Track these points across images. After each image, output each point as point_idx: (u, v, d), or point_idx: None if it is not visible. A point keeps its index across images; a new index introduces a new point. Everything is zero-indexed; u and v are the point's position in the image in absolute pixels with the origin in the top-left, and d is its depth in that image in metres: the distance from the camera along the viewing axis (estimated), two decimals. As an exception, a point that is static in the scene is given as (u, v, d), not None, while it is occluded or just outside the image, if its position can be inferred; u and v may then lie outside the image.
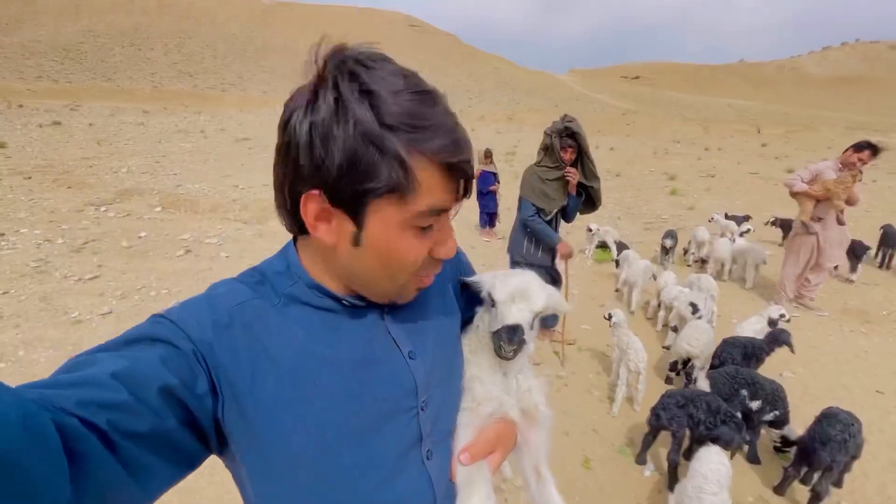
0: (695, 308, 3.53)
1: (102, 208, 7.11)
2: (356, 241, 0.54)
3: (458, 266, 0.83)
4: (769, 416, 2.52)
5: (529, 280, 0.73)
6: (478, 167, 5.17)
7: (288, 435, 0.55)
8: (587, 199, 3.27)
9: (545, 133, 3.11)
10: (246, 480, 0.59)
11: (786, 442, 2.58)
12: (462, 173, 0.54)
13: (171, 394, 0.47)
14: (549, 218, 3.21)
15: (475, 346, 0.75)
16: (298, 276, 0.61)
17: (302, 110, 0.50)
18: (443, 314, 0.74)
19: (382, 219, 0.53)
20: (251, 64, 63.80)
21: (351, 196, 0.51)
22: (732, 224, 6.18)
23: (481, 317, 0.78)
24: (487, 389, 0.70)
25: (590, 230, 6.12)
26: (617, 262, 5.01)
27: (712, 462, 1.99)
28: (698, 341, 3.03)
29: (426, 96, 0.52)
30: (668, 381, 3.36)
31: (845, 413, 2.27)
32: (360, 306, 0.63)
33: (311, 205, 0.53)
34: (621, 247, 5.48)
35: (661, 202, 10.38)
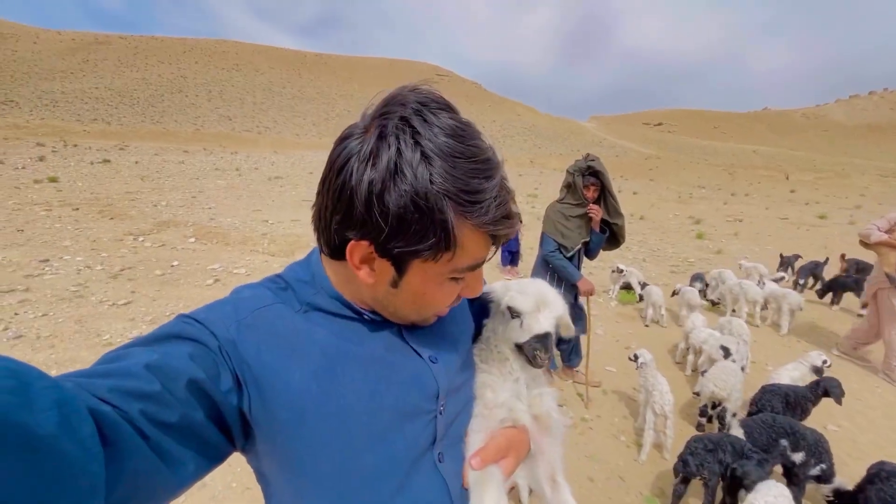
0: (726, 352, 3.39)
1: (140, 238, 7.47)
2: (394, 284, 0.58)
3: None
4: (815, 471, 2.32)
5: (544, 287, 0.75)
6: None
7: (312, 431, 0.55)
8: (611, 235, 3.29)
9: (567, 171, 3.18)
10: (269, 477, 0.60)
11: (841, 496, 2.33)
12: (503, 237, 0.57)
13: (198, 387, 0.48)
14: (570, 254, 3.21)
15: (485, 355, 0.76)
16: (321, 286, 0.63)
17: (362, 161, 0.51)
18: (459, 323, 0.76)
19: (423, 271, 0.56)
20: (286, 110, 67.72)
21: (398, 252, 0.53)
22: (761, 266, 6.07)
23: (493, 328, 0.79)
24: (498, 396, 0.71)
25: (620, 270, 6.02)
26: (641, 297, 4.92)
27: (770, 495, 1.84)
28: (725, 382, 2.88)
29: (482, 165, 0.52)
30: (700, 427, 3.18)
31: None
32: (377, 321, 0.65)
33: (359, 252, 0.55)
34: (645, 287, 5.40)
35: (687, 245, 10.20)
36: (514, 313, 0.73)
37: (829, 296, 6.01)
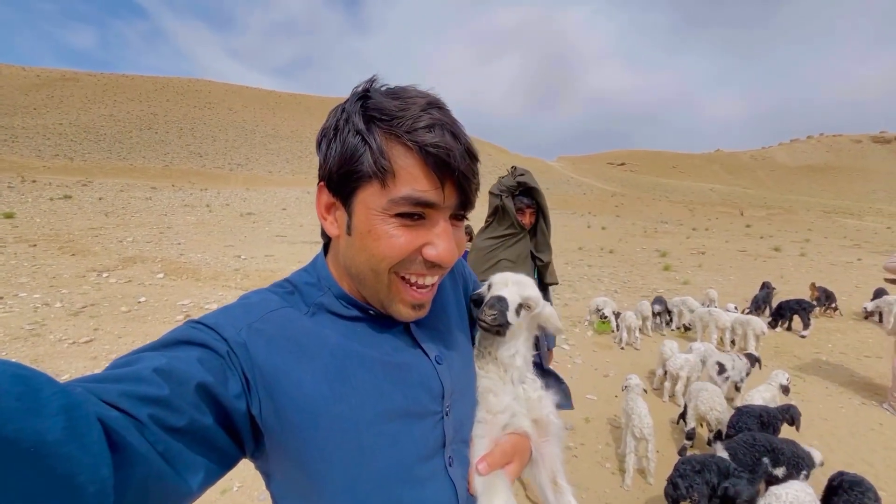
0: (721, 368, 3.51)
1: (104, 274, 7.15)
2: (349, 229, 0.58)
3: (471, 283, 0.88)
4: (800, 479, 2.41)
5: (525, 277, 0.80)
6: None
7: (324, 433, 0.55)
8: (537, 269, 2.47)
9: (491, 192, 2.40)
10: (279, 482, 0.59)
11: None
12: (440, 161, 0.53)
13: (207, 391, 0.48)
14: None
15: (482, 361, 0.78)
16: (328, 287, 0.64)
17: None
18: (461, 327, 0.77)
19: (365, 204, 0.55)
20: (259, 147, 67.66)
21: (340, 181, 0.56)
22: (713, 292, 6.63)
23: (481, 331, 0.80)
24: (501, 401, 0.71)
25: (604, 316, 5.94)
26: (616, 327, 5.08)
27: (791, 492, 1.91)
28: (718, 404, 3.01)
29: (408, 98, 0.55)
30: (683, 450, 3.22)
31: (862, 477, 2.20)
32: (383, 318, 0.65)
33: (321, 197, 0.61)
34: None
35: (656, 277, 10.57)
36: (479, 300, 0.77)
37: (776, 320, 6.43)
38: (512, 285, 0.76)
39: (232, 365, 0.52)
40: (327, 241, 0.68)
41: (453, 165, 0.54)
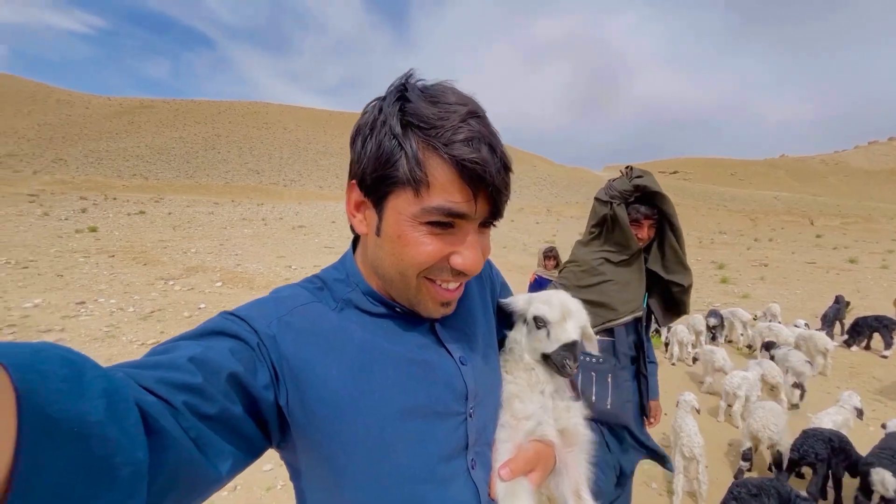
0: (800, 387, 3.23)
1: (170, 282, 7.76)
2: (378, 231, 0.58)
3: (498, 286, 0.86)
4: None
5: (566, 297, 0.77)
6: (535, 269, 4.55)
7: (349, 426, 0.56)
8: (665, 298, 1.96)
9: (598, 200, 1.93)
10: (304, 474, 0.60)
11: None
12: (475, 175, 0.53)
13: (237, 381, 0.50)
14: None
15: (510, 366, 0.76)
16: (356, 284, 0.65)
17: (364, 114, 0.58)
18: (487, 329, 0.76)
19: (397, 209, 0.56)
20: (310, 164, 71.04)
21: (374, 184, 0.56)
22: (775, 306, 6.15)
23: (517, 339, 0.78)
24: (527, 407, 0.70)
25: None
26: (667, 343, 4.83)
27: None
28: (777, 425, 2.78)
29: (448, 104, 0.53)
30: (740, 473, 3.00)
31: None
32: (409, 316, 0.65)
33: (351, 195, 0.60)
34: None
35: (711, 290, 9.98)
36: (539, 323, 0.73)
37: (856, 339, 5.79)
38: (569, 319, 0.73)
39: (262, 356, 0.53)
40: (356, 237, 0.69)
41: (488, 181, 0.53)
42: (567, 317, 0.73)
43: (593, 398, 1.81)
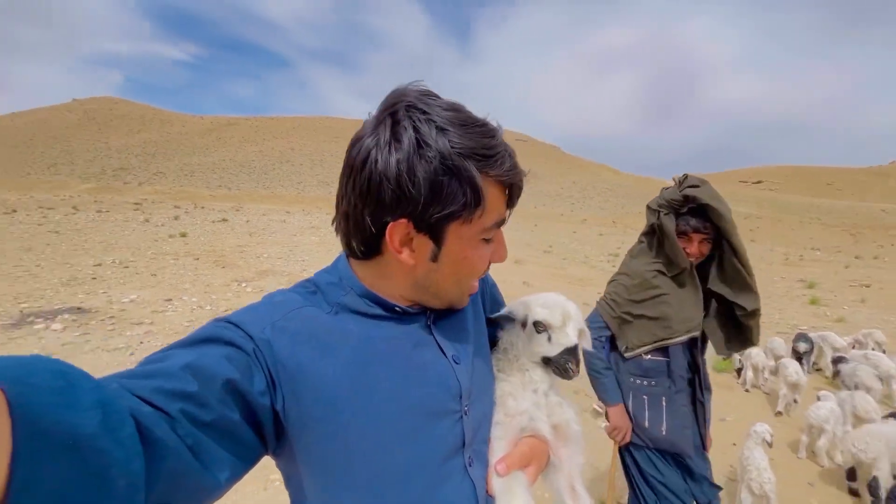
0: None
1: (243, 284, 8.42)
2: (434, 258, 0.61)
3: (488, 287, 0.89)
4: None
5: (562, 298, 0.78)
6: None
7: (347, 426, 0.56)
8: (728, 323, 1.76)
9: (648, 208, 1.80)
10: (300, 478, 0.60)
11: None
12: (518, 190, 0.63)
13: (234, 388, 0.49)
14: (642, 352, 1.74)
15: (503, 365, 0.78)
16: (350, 287, 0.64)
17: (383, 148, 0.55)
18: (478, 328, 0.78)
19: (459, 236, 0.59)
20: (376, 174, 74.13)
21: (435, 221, 0.57)
22: (879, 334, 5.31)
23: (512, 341, 0.80)
24: (520, 404, 0.72)
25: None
26: (739, 369, 4.41)
27: None
28: (868, 444, 2.44)
29: (486, 128, 0.59)
30: (853, 493, 2.68)
31: None
32: (410, 313, 0.66)
33: (398, 232, 0.58)
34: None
35: (798, 311, 8.98)
36: (540, 328, 0.74)
37: None
38: (569, 322, 0.75)
39: (257, 362, 0.53)
40: (356, 253, 0.64)
41: (521, 189, 0.63)
42: (567, 321, 0.75)
43: (646, 423, 1.71)
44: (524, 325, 0.77)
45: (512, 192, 0.62)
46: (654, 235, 1.78)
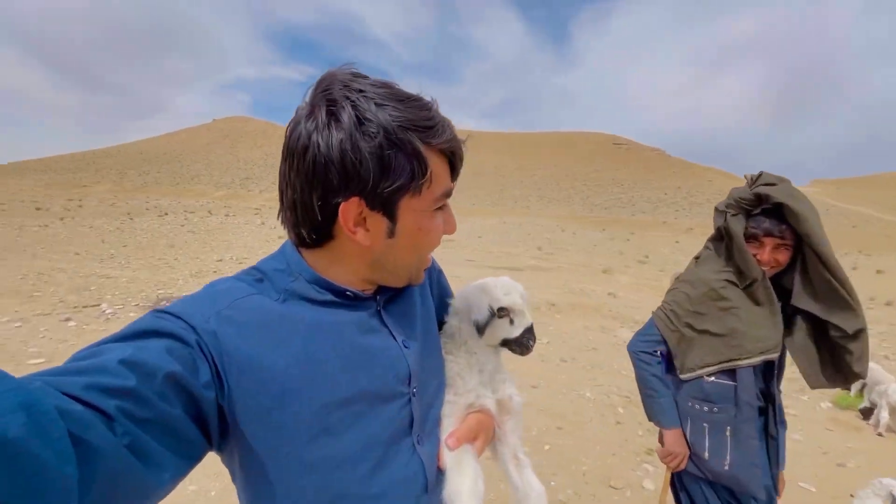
0: None
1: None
2: (391, 234, 0.60)
3: (435, 273, 0.90)
4: None
5: (513, 282, 0.83)
6: None
7: (295, 415, 0.56)
8: (822, 348, 1.46)
9: (717, 210, 1.57)
10: (247, 470, 0.59)
11: None
12: (459, 159, 0.63)
13: (176, 381, 0.47)
14: (705, 373, 1.51)
15: (451, 347, 0.81)
16: (299, 273, 0.63)
17: (322, 130, 0.54)
18: (426, 311, 0.78)
19: (412, 209, 0.60)
20: (464, 183, 75.31)
21: (387, 196, 0.56)
22: None
23: (457, 326, 0.82)
24: (466, 382, 0.77)
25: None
26: (869, 407, 3.64)
27: None
28: None
29: (422, 102, 0.59)
30: None
31: None
32: (361, 297, 0.66)
33: (351, 212, 0.57)
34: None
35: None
36: (502, 313, 0.78)
37: None
38: (526, 302, 0.81)
39: (201, 353, 0.51)
40: (306, 241, 0.62)
41: (462, 159, 0.64)
42: (525, 302, 0.80)
43: (705, 454, 1.48)
44: (493, 314, 0.78)
45: (454, 161, 0.62)
46: (722, 241, 1.54)
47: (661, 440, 1.59)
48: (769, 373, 1.49)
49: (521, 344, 0.79)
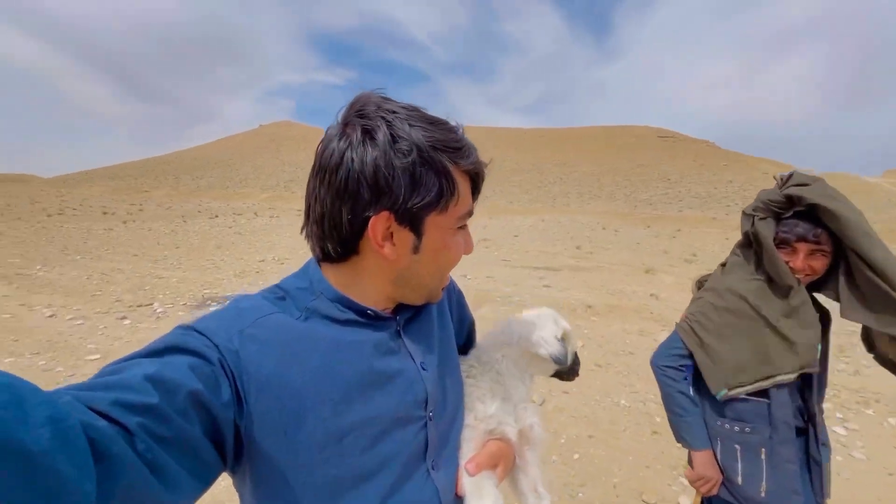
0: None
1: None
2: (416, 250, 0.63)
3: (454, 295, 0.91)
4: None
5: (556, 313, 0.85)
6: None
7: (310, 434, 0.57)
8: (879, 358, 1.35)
9: (744, 214, 1.45)
10: (259, 492, 0.59)
11: None
12: (482, 180, 0.67)
13: (197, 399, 0.48)
14: (739, 390, 1.37)
15: (476, 371, 0.81)
16: (321, 292, 0.64)
17: (357, 147, 0.56)
18: (446, 334, 0.80)
19: (438, 226, 0.63)
20: (503, 181, 74.61)
21: (415, 212, 0.59)
22: None
23: (488, 350, 0.85)
24: (488, 408, 0.75)
25: None
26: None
27: None
28: None
29: (450, 125, 0.63)
30: None
31: None
32: (382, 317, 0.67)
33: (380, 226, 0.59)
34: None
35: None
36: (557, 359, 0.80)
37: None
38: (560, 324, 0.85)
39: (223, 372, 0.52)
40: (331, 256, 0.64)
41: (484, 180, 0.68)
42: (550, 325, 0.82)
43: (738, 479, 1.37)
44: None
45: (477, 182, 0.66)
46: (751, 248, 1.43)
47: (690, 462, 1.48)
48: (807, 389, 1.36)
49: (573, 371, 0.82)
